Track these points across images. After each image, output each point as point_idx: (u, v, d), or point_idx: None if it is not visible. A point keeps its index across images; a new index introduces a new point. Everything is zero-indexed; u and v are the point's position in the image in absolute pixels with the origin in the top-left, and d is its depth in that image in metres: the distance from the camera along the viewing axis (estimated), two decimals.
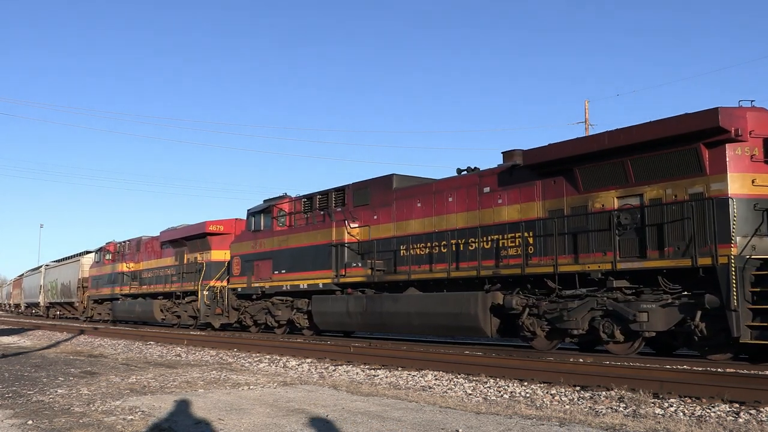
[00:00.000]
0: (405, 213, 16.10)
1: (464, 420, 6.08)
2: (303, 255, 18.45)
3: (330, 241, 17.56)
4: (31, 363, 12.38)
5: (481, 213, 14.33)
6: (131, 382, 9.28)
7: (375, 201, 17.01)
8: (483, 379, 9.34)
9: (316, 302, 18.03)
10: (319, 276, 17.91)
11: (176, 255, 27.28)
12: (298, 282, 18.69)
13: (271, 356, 13.67)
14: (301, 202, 19.50)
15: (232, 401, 7.34)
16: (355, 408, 6.82)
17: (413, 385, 9.08)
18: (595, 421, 6.02)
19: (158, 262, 28.92)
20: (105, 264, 33.94)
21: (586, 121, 31.72)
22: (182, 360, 13.48)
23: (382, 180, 17.02)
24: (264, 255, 20.23)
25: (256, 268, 20.61)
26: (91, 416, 6.47)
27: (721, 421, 6.15)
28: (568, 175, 12.70)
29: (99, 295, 34.86)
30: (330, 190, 18.44)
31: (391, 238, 16.23)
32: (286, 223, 19.78)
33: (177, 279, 26.60)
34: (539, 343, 13.13)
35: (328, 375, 10.47)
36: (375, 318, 16.11)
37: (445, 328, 14.78)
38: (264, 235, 20.44)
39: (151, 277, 29.19)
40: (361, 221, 17.29)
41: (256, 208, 21.20)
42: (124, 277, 31.74)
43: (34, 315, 52.81)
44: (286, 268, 19.15)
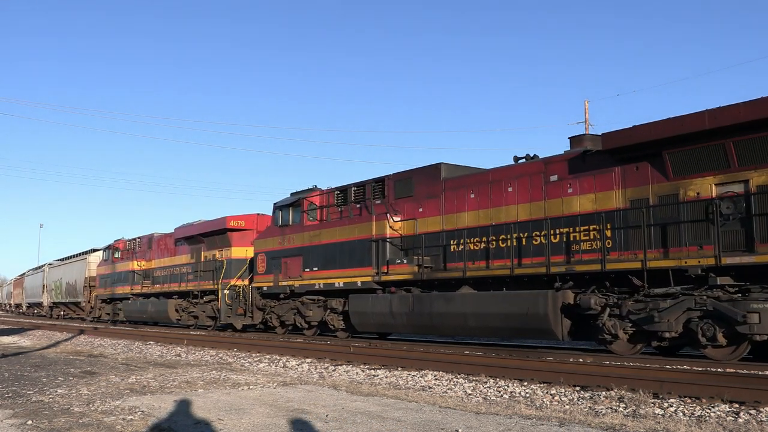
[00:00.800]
0: (456, 205, 14.78)
1: (464, 420, 6.07)
2: (338, 251, 17.13)
3: (370, 236, 16.19)
4: (31, 363, 12.38)
5: (548, 204, 13.04)
6: (131, 382, 9.27)
7: (420, 192, 15.70)
8: (483, 379, 9.34)
9: (354, 302, 16.63)
10: (357, 274, 16.55)
11: (192, 252, 25.94)
12: (332, 280, 17.33)
13: (270, 356, 13.67)
14: (333, 194, 18.17)
15: (231, 401, 7.33)
16: (354, 408, 6.82)
17: (413, 385, 9.08)
18: (595, 421, 6.02)
19: (172, 260, 27.62)
20: (114, 262, 32.61)
21: (586, 121, 31.71)
22: (182, 360, 13.48)
23: (427, 169, 15.67)
24: (293, 251, 18.86)
25: (283, 266, 19.21)
26: (91, 416, 6.46)
27: (721, 421, 6.15)
28: (655, 161, 11.45)
29: (107, 295, 33.61)
30: (367, 182, 17.13)
31: (440, 233, 14.94)
32: (317, 217, 18.44)
33: (193, 277, 25.27)
34: (620, 347, 11.77)
35: (328, 375, 10.47)
36: (423, 319, 14.77)
37: (508, 330, 13.54)
38: (293, 230, 19.04)
39: (164, 276, 27.98)
40: (403, 214, 15.99)
41: (284, 202, 19.77)
42: (134, 275, 30.48)
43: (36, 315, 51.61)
44: (319, 265, 17.80)
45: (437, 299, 14.55)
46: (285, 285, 19.11)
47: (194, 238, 25.78)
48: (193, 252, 25.86)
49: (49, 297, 45.38)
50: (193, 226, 26.16)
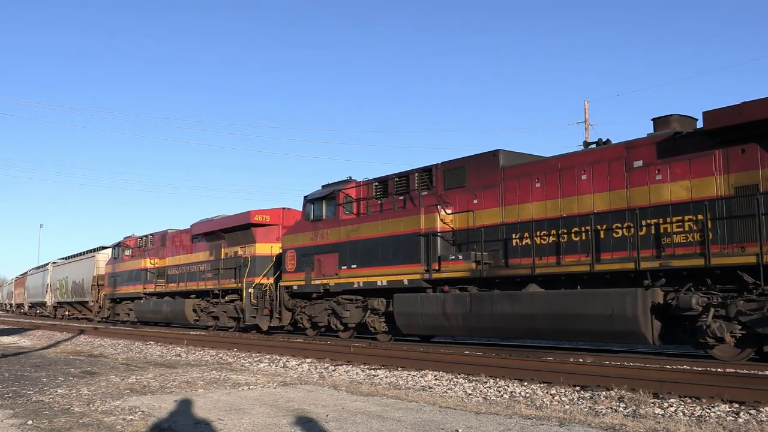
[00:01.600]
0: (518, 195, 13.53)
1: (464, 420, 6.08)
2: (380, 247, 15.81)
3: (418, 230, 14.85)
4: (31, 363, 12.38)
5: (631, 192, 11.81)
6: (131, 382, 9.28)
7: (474, 182, 14.45)
8: (483, 379, 9.34)
9: (400, 302, 15.22)
10: (402, 271, 15.17)
11: (211, 249, 24.57)
12: (374, 278, 15.96)
13: (270, 356, 13.68)
14: (371, 186, 16.91)
15: (232, 401, 7.34)
16: (354, 408, 6.82)
17: (413, 385, 9.08)
18: (595, 421, 6.02)
19: (188, 258, 26.16)
20: (124, 260, 31.15)
21: (586, 121, 31.72)
22: (182, 360, 13.48)
23: (483, 157, 14.42)
24: (327, 248, 17.52)
25: (317, 263, 17.86)
26: (91, 416, 6.47)
27: (721, 421, 6.15)
28: (766, 142, 10.31)
29: (117, 294, 32.14)
30: (411, 172, 15.94)
31: (499, 226, 13.75)
32: (354, 210, 17.24)
33: (213, 276, 23.88)
34: (725, 352, 10.58)
35: (328, 375, 10.47)
36: (483, 320, 13.40)
37: (587, 333, 12.08)
38: (327, 225, 17.71)
39: (179, 274, 26.59)
40: (455, 206, 14.73)
41: (316, 194, 18.46)
42: (147, 274, 28.94)
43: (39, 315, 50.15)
44: (358, 262, 16.45)
45: (501, 299, 13.18)
46: (318, 284, 17.78)
47: (214, 234, 24.48)
48: (212, 249, 24.56)
49: (54, 296, 44.19)
50: (212, 222, 24.79)
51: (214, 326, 24.27)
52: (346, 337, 17.65)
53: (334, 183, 18.22)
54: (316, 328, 18.91)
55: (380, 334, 16.63)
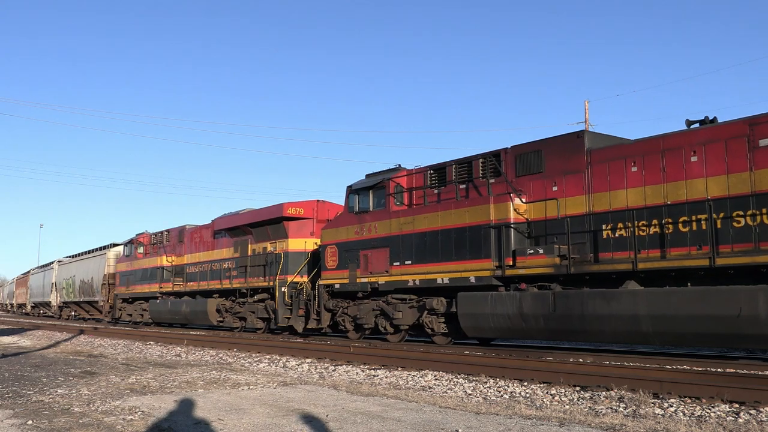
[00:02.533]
0: (608, 181, 12.18)
1: (464, 420, 6.07)
2: (440, 241, 14.30)
3: (487, 221, 13.38)
4: (31, 363, 12.38)
5: (756, 176, 10.45)
6: (131, 382, 9.27)
7: (553, 167, 13.03)
8: (483, 379, 9.34)
9: (466, 302, 13.67)
10: (468, 267, 13.67)
11: (236, 245, 23.05)
12: (432, 275, 14.45)
13: (270, 356, 13.68)
14: (426, 174, 15.34)
15: (232, 401, 7.33)
16: (355, 408, 6.82)
17: (413, 385, 9.08)
18: (595, 421, 6.02)
19: (210, 255, 24.65)
20: (137, 258, 29.65)
21: (586, 121, 31.72)
22: (182, 360, 13.48)
23: (564, 140, 13.05)
24: (376, 242, 15.96)
25: (363, 259, 16.35)
26: (91, 416, 6.46)
27: (721, 421, 6.15)
28: None
29: (130, 294, 30.54)
30: (474, 158, 14.47)
31: (584, 216, 12.37)
32: (405, 201, 15.83)
33: (239, 274, 22.45)
34: None
35: (328, 375, 10.47)
36: (571, 322, 11.90)
37: (707, 337, 10.70)
38: (375, 217, 16.18)
39: (200, 272, 25.07)
40: (530, 195, 13.35)
41: (362, 184, 16.84)
42: (163, 272, 27.41)
43: (43, 315, 48.62)
44: (413, 258, 14.96)
45: (593, 298, 11.66)
46: (365, 282, 16.26)
47: (239, 230, 22.95)
48: (238, 245, 23.08)
49: (59, 296, 42.58)
50: (238, 216, 23.21)
51: (240, 328, 22.95)
52: (395, 340, 16.32)
53: (382, 171, 16.71)
54: (360, 331, 17.35)
55: (438, 337, 15.22)
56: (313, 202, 20.93)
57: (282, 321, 19.78)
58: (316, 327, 18.44)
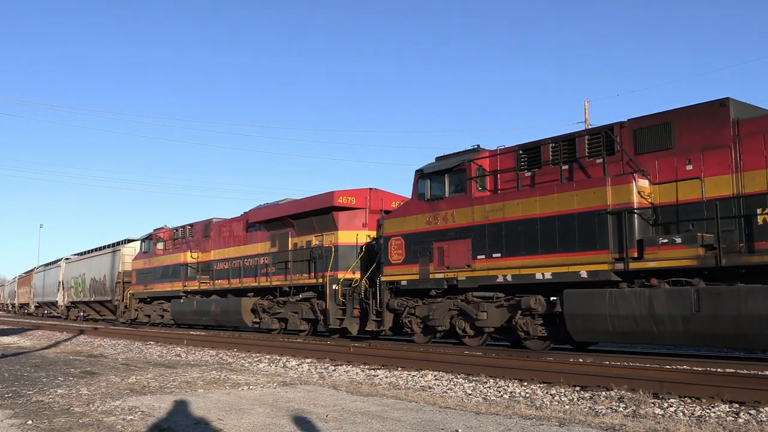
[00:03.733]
0: (766, 157, 10.43)
1: (464, 420, 6.07)
2: (539, 230, 12.54)
3: (603, 206, 11.61)
4: (31, 363, 12.38)
5: None
6: (131, 382, 9.27)
7: (687, 142, 11.36)
8: (483, 379, 9.34)
9: (576, 300, 11.84)
10: (577, 260, 11.92)
11: (273, 239, 21.07)
12: (530, 270, 12.69)
13: (270, 356, 13.68)
14: (515, 154, 13.55)
15: (231, 401, 7.33)
16: (354, 408, 6.82)
17: (413, 385, 9.08)
18: (595, 421, 6.02)
19: (242, 250, 22.68)
20: (157, 254, 27.63)
21: (586, 121, 31.72)
22: (182, 360, 13.48)
23: (701, 110, 11.31)
24: (454, 233, 14.11)
25: (437, 253, 14.51)
26: (91, 416, 6.46)
27: (721, 421, 6.15)
28: None
29: (148, 293, 28.41)
30: (578, 134, 12.84)
31: (731, 198, 10.63)
32: (488, 186, 14.12)
33: (278, 270, 20.52)
34: None
35: (328, 375, 10.47)
36: (721, 325, 10.10)
37: None
38: (452, 205, 14.30)
39: (230, 269, 23.05)
40: (655, 175, 11.62)
41: (436, 167, 14.91)
42: (187, 269, 25.34)
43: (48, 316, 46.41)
44: (503, 250, 13.16)
45: (754, 295, 9.82)
46: (440, 278, 14.41)
47: (278, 222, 20.93)
48: (275, 239, 21.02)
49: (67, 296, 40.26)
50: (277, 207, 21.25)
51: (279, 330, 20.96)
52: (475, 344, 14.40)
53: (458, 153, 14.79)
54: (430, 333, 15.58)
55: (532, 341, 13.21)
56: (366, 190, 18.88)
57: (333, 322, 17.81)
58: (375, 329, 16.50)
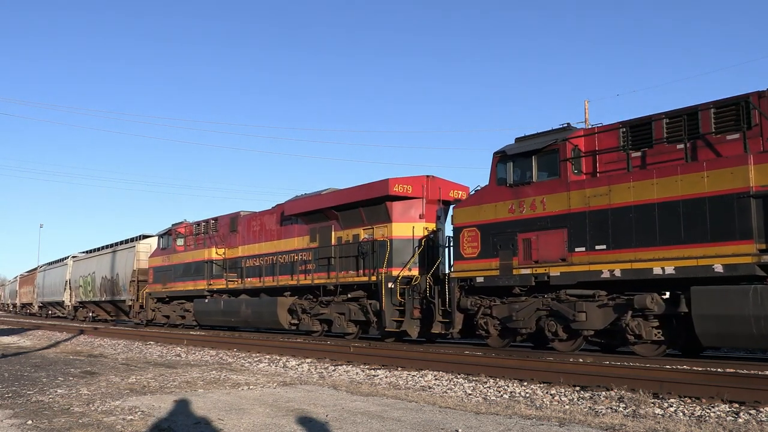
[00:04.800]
0: None
1: (464, 420, 6.08)
2: (657, 217, 10.94)
3: (744, 188, 10.07)
4: (31, 363, 12.38)
5: None
6: (131, 382, 9.27)
7: None
8: (483, 379, 9.34)
9: (708, 299, 10.31)
10: (711, 252, 10.38)
11: (313, 233, 19.37)
12: (645, 264, 11.07)
13: (270, 356, 13.68)
14: (619, 132, 12.18)
15: (231, 401, 7.33)
16: (354, 408, 6.82)
17: (413, 385, 9.08)
18: (595, 421, 6.02)
19: (275, 245, 20.88)
20: (177, 251, 25.89)
21: (586, 121, 31.68)
22: (182, 360, 13.48)
23: None
24: (545, 222, 12.63)
25: (523, 245, 13.00)
26: (91, 416, 6.46)
27: (721, 421, 6.15)
28: None
29: (168, 292, 26.58)
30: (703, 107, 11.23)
31: None
32: (584, 168, 12.63)
33: (319, 267, 18.80)
34: None
35: (328, 375, 10.47)
36: None
37: None
38: (542, 190, 12.77)
39: (263, 266, 21.29)
40: None
41: (518, 148, 13.41)
42: (212, 266, 23.67)
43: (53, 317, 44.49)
44: (609, 241, 11.64)
45: None
46: (527, 273, 12.92)
47: (319, 214, 19.13)
48: (315, 232, 19.33)
49: (75, 295, 38.34)
50: (318, 197, 19.27)
51: (321, 332, 19.16)
52: (567, 348, 12.75)
53: (547, 132, 13.34)
54: (508, 336, 13.97)
55: (643, 346, 11.66)
56: (423, 177, 17.14)
57: (390, 324, 16.08)
58: (442, 332, 14.95)
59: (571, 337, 12.72)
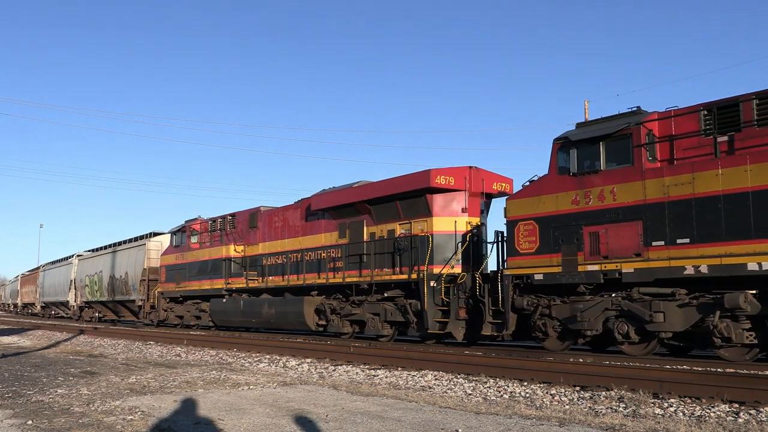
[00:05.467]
0: None
1: (464, 420, 6.08)
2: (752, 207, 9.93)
3: None
4: (31, 363, 12.38)
5: None
6: (131, 382, 9.28)
7: None
8: (483, 379, 9.35)
9: None
10: None
11: (342, 228, 18.20)
12: (739, 259, 10.07)
13: (270, 356, 13.69)
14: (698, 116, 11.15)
15: (231, 401, 7.34)
16: (354, 408, 6.82)
17: (413, 385, 9.08)
18: (595, 421, 6.02)
19: (301, 242, 19.69)
20: (192, 249, 24.89)
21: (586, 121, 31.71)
22: (182, 360, 13.49)
23: None
24: (615, 213, 11.49)
25: (589, 239, 11.95)
26: (91, 416, 6.47)
27: (721, 421, 6.16)
28: None
29: (181, 291, 25.35)
30: None
31: None
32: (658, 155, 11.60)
33: (349, 264, 17.60)
34: None
35: (328, 375, 10.47)
36: None
37: None
38: (612, 179, 11.73)
39: (286, 264, 19.92)
40: None
41: (583, 134, 12.50)
42: (231, 264, 22.55)
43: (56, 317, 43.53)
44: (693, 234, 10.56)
45: None
46: (595, 270, 11.85)
47: (350, 208, 17.92)
48: (345, 228, 18.15)
49: (80, 295, 37.19)
50: (349, 190, 17.97)
51: (352, 334, 17.89)
52: (639, 352, 11.77)
53: (617, 116, 12.34)
54: (569, 339, 12.89)
55: (732, 350, 10.67)
56: (465, 168, 15.93)
57: (432, 326, 14.99)
58: (493, 334, 13.88)
59: (643, 340, 11.74)
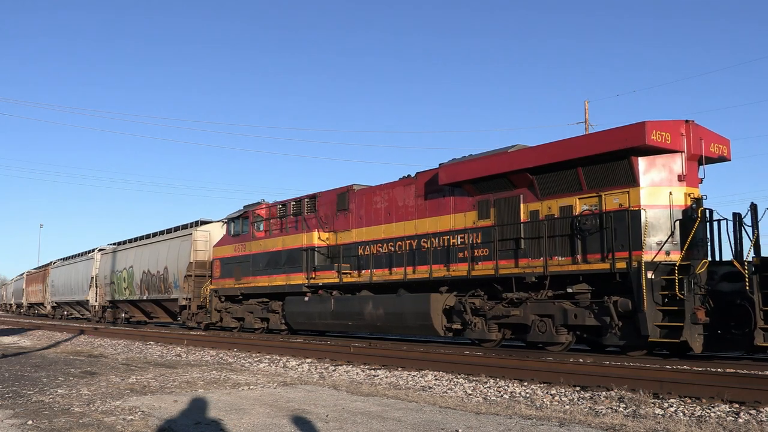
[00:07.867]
0: None
1: (464, 420, 6.08)
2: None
3: None
4: (31, 363, 12.38)
5: None
6: (131, 382, 9.28)
7: None
8: (483, 379, 9.35)
9: None
10: None
11: (484, 207, 14.41)
12: None
13: (271, 356, 13.69)
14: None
15: (232, 401, 7.34)
16: (355, 408, 6.82)
17: (413, 385, 9.09)
18: (595, 422, 6.03)
19: (418, 225, 15.90)
20: (256, 237, 20.96)
21: (586, 121, 31.72)
22: (182, 360, 13.49)
23: None
24: None
25: None
26: (91, 416, 6.47)
27: (721, 422, 6.16)
28: None
29: (244, 288, 21.34)
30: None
31: None
32: None
33: (502, 252, 13.68)
34: None
35: (328, 375, 10.47)
36: None
37: None
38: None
39: (397, 254, 16.33)
40: None
41: None
42: (314, 255, 18.51)
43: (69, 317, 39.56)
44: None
45: None
46: None
47: (500, 180, 14.00)
48: (490, 205, 14.33)
49: (104, 294, 33.26)
50: (503, 156, 13.91)
51: (498, 341, 14.34)
52: None
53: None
54: None
55: None
56: (681, 123, 12.19)
57: (653, 332, 11.15)
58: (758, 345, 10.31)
59: None
